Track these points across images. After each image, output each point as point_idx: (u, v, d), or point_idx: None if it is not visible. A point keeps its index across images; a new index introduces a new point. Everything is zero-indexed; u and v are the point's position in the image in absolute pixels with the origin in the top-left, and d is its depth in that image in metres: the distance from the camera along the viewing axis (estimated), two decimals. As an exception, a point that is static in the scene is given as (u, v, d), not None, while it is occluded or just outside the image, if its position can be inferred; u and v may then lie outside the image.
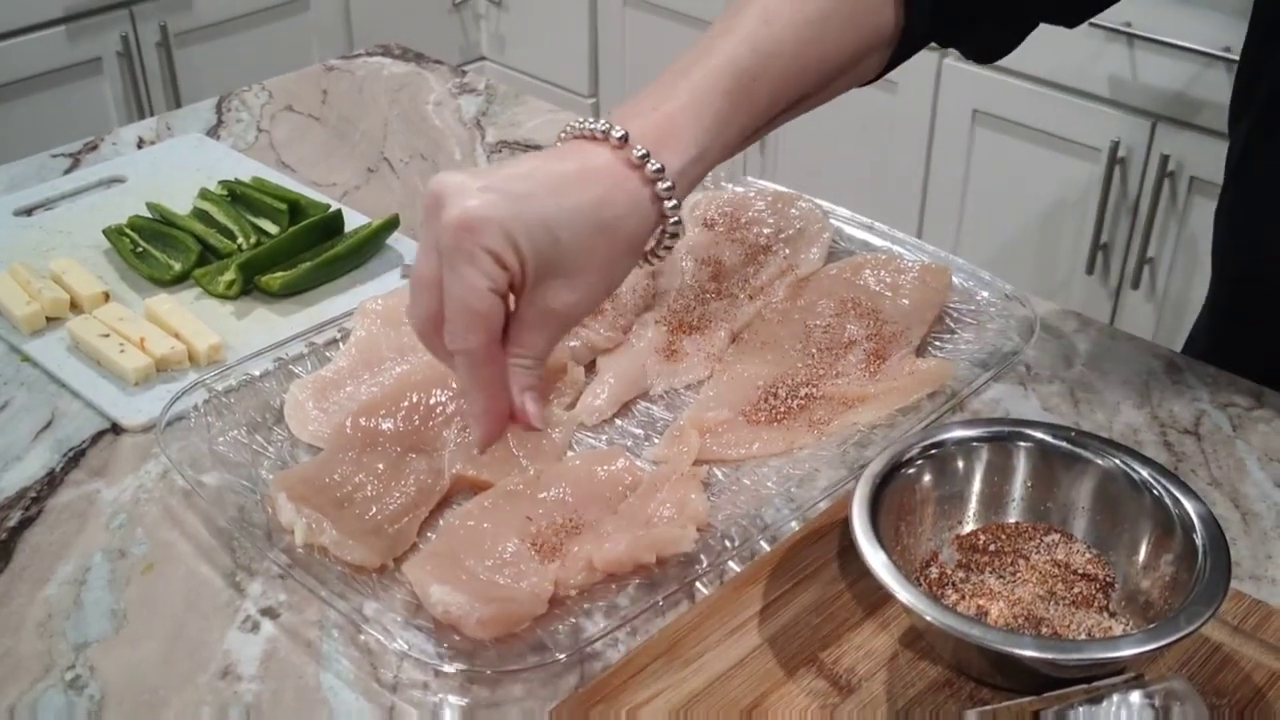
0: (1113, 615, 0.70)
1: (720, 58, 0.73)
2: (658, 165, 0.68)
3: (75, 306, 1.01)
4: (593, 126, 0.69)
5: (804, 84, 0.77)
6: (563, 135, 0.71)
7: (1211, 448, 0.88)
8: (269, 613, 0.75)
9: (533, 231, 0.65)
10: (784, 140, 2.37)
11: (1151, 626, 0.64)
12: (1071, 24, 0.89)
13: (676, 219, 0.69)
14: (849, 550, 0.77)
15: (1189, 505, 0.69)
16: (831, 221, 1.11)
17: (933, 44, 0.86)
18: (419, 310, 0.67)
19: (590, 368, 0.95)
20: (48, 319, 0.99)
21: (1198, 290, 1.93)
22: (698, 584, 0.77)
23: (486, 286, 0.64)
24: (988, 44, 0.89)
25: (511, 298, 0.67)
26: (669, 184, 0.68)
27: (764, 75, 0.74)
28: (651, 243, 0.71)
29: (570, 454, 0.87)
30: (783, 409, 0.90)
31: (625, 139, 0.68)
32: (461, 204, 0.64)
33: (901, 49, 0.84)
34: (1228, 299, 1.07)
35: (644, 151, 0.68)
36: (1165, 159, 1.87)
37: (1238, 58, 1.00)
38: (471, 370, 0.66)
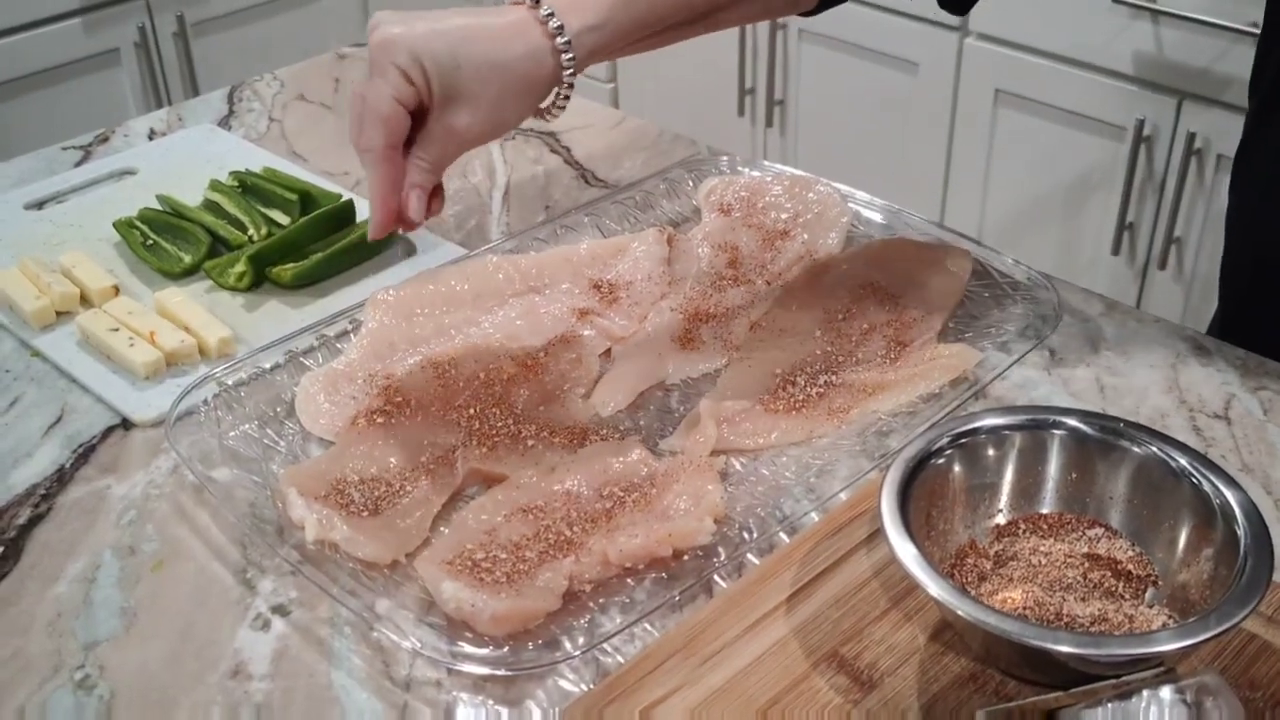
0: (1149, 608, 0.68)
1: None
2: (558, 23, 0.81)
3: (85, 300, 1.00)
4: None
5: None
6: None
7: (1242, 433, 0.86)
8: (280, 610, 0.74)
9: (438, 56, 0.79)
10: (802, 123, 2.34)
11: (1189, 621, 0.62)
12: None
13: (570, 69, 0.82)
14: (870, 542, 0.75)
15: (1231, 496, 0.67)
16: (850, 205, 1.09)
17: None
18: (351, 116, 0.81)
19: (606, 357, 0.94)
20: (57, 313, 0.99)
21: (1225, 270, 1.90)
22: (715, 578, 0.75)
23: (391, 94, 0.78)
24: None
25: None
26: (566, 39, 0.81)
27: None
28: (549, 99, 0.85)
29: (585, 445, 0.85)
30: (801, 397, 0.88)
31: (537, 0, 0.81)
32: (386, 29, 0.79)
33: None
34: (1238, 272, 1.05)
35: (550, 11, 0.81)
36: (1191, 137, 1.84)
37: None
38: (373, 167, 0.80)
